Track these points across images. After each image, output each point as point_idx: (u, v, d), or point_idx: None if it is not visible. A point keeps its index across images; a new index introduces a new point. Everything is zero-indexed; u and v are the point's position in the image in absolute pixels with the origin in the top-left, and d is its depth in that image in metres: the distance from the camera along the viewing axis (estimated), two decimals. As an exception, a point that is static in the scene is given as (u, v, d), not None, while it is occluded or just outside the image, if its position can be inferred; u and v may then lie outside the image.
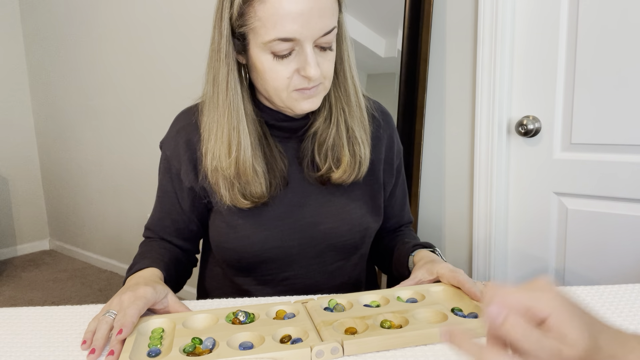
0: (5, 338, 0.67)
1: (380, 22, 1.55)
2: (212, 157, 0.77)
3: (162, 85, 2.44)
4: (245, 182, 0.77)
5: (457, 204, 1.53)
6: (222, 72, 0.74)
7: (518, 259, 1.48)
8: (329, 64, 0.74)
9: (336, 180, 0.83)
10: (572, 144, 1.32)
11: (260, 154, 0.79)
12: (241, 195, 0.78)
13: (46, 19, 3.09)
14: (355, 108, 0.82)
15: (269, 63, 0.71)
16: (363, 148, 0.83)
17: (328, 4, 0.69)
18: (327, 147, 0.82)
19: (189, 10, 2.21)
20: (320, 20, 0.68)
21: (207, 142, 0.78)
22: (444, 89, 1.50)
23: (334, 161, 0.82)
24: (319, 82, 0.74)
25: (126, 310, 0.64)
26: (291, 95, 0.74)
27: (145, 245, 0.88)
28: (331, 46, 0.73)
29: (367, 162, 0.85)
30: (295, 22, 0.67)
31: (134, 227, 2.81)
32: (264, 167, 0.79)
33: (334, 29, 0.71)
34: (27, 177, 3.42)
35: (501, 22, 1.34)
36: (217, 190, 0.80)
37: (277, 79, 0.72)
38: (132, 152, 2.71)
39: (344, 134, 0.81)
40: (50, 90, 3.20)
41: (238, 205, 0.80)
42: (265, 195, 0.79)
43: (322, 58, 0.73)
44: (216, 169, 0.77)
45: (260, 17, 0.68)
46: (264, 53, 0.71)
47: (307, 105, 0.75)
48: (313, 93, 0.75)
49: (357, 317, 0.65)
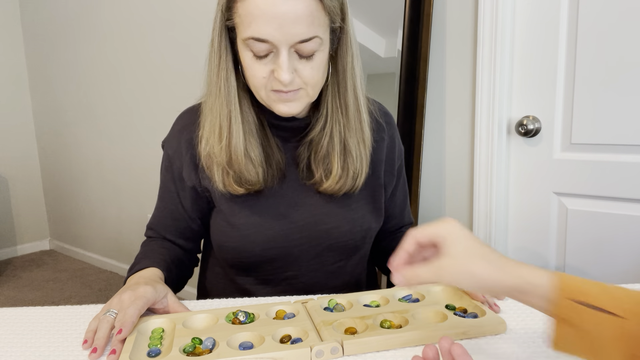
0: (5, 338, 0.67)
1: (380, 22, 1.55)
2: (205, 143, 0.79)
3: (163, 85, 2.44)
4: (238, 169, 0.78)
5: (457, 204, 1.53)
6: (214, 61, 0.76)
7: (518, 259, 1.48)
8: (312, 71, 0.73)
9: (325, 190, 0.82)
10: (572, 144, 1.32)
11: (256, 142, 0.79)
12: (236, 182, 0.79)
13: (46, 19, 3.09)
14: (354, 121, 0.81)
15: (249, 60, 0.72)
16: (358, 162, 0.82)
17: (306, 11, 0.67)
18: (320, 156, 0.82)
19: (189, 9, 2.21)
20: (295, 26, 0.67)
21: (202, 128, 0.80)
22: (444, 89, 1.50)
23: (325, 171, 0.82)
24: (298, 87, 0.73)
25: (126, 310, 0.64)
26: (269, 95, 0.75)
27: (146, 244, 0.89)
28: (313, 55, 0.72)
29: (363, 177, 0.84)
30: (269, 25, 0.67)
31: (134, 227, 2.81)
32: (260, 155, 0.80)
33: (313, 38, 0.69)
34: (27, 177, 3.42)
35: (501, 22, 1.34)
36: (212, 176, 0.80)
37: (254, 77, 0.73)
38: (133, 152, 2.71)
39: (337, 145, 0.81)
40: (50, 90, 3.20)
41: (232, 192, 0.80)
42: (259, 183, 0.80)
43: (301, 65, 0.72)
44: (209, 154, 0.79)
45: (240, 14, 0.69)
46: (245, 50, 0.72)
47: (285, 108, 0.75)
48: (291, 97, 0.74)
49: (357, 317, 0.65)
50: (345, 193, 0.85)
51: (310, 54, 0.71)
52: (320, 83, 0.76)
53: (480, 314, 0.66)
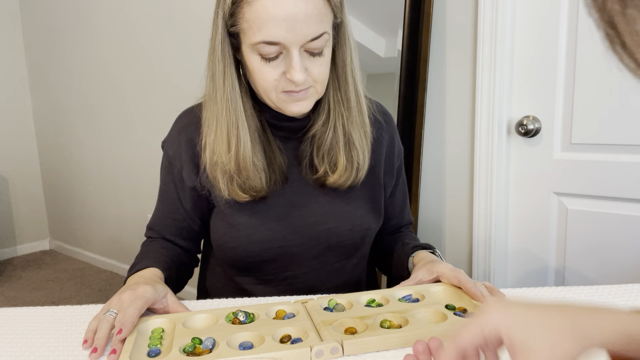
0: (5, 338, 0.67)
1: (380, 22, 1.55)
2: (211, 152, 0.78)
3: (163, 85, 2.44)
4: (245, 176, 0.78)
5: (457, 204, 1.53)
6: (219, 69, 0.75)
7: (518, 259, 1.48)
8: (320, 68, 0.74)
9: (332, 184, 0.83)
10: (572, 144, 1.32)
11: (259, 148, 0.79)
12: (240, 189, 0.79)
13: (46, 19, 3.09)
14: (356, 113, 0.82)
15: (257, 64, 0.72)
16: (361, 154, 0.83)
17: (315, 10, 0.68)
18: (324, 150, 0.82)
19: (189, 9, 2.21)
20: (306, 25, 0.68)
21: (206, 136, 0.79)
22: (444, 89, 1.50)
23: (330, 165, 0.82)
24: (308, 85, 0.74)
25: (126, 310, 0.64)
26: (280, 97, 0.75)
27: (146, 244, 0.89)
28: (322, 51, 0.72)
29: (365, 168, 0.84)
30: (280, 27, 0.67)
31: (134, 227, 2.81)
32: (263, 161, 0.80)
33: (322, 35, 0.70)
34: (27, 177, 3.42)
35: (501, 22, 1.34)
36: (216, 184, 0.80)
37: (265, 80, 0.73)
38: (132, 152, 2.71)
39: (341, 139, 0.81)
40: (50, 90, 3.20)
41: (236, 199, 0.80)
42: (264, 189, 0.80)
43: (311, 63, 0.72)
44: (216, 163, 0.78)
45: (248, 19, 0.69)
46: (253, 54, 0.72)
47: (297, 108, 0.75)
48: (302, 96, 0.74)
49: (357, 317, 0.65)
50: (345, 191, 0.85)
51: (320, 51, 0.72)
52: (327, 79, 0.77)
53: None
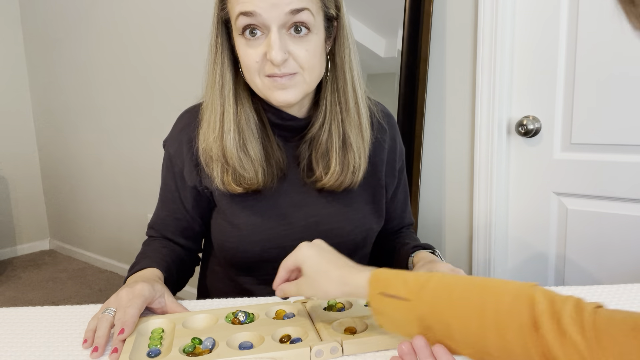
0: (5, 338, 0.67)
1: (380, 22, 1.55)
2: (203, 138, 0.79)
3: (163, 85, 2.44)
4: (232, 165, 0.78)
5: (457, 204, 1.53)
6: (211, 56, 0.77)
7: (518, 259, 1.48)
8: (307, 53, 0.72)
9: (325, 186, 0.82)
10: (572, 144, 1.32)
11: (256, 141, 0.79)
12: (234, 180, 0.79)
13: (46, 18, 3.09)
14: (354, 114, 0.81)
15: (243, 47, 0.73)
16: (358, 157, 0.82)
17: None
18: (320, 153, 0.82)
19: (189, 8, 2.21)
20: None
21: (200, 125, 0.81)
22: (444, 89, 1.50)
23: (324, 168, 0.82)
24: (294, 71, 0.73)
25: (126, 310, 0.64)
26: (265, 82, 0.74)
27: (147, 244, 0.89)
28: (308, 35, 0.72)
29: (362, 172, 0.83)
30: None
31: (134, 227, 2.81)
32: (260, 154, 0.79)
33: (303, 10, 0.70)
34: (27, 177, 3.42)
35: (501, 22, 1.34)
36: (211, 173, 0.80)
37: (248, 63, 0.73)
38: (132, 151, 2.71)
39: (337, 141, 0.81)
40: (50, 90, 3.20)
41: (230, 190, 0.80)
42: (257, 182, 0.79)
43: (296, 46, 0.72)
44: (205, 150, 0.79)
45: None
46: (239, 37, 0.73)
47: (282, 96, 0.74)
48: (287, 83, 0.73)
49: (356, 317, 0.66)
50: (346, 192, 0.85)
51: (303, 31, 0.71)
52: (317, 69, 0.76)
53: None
